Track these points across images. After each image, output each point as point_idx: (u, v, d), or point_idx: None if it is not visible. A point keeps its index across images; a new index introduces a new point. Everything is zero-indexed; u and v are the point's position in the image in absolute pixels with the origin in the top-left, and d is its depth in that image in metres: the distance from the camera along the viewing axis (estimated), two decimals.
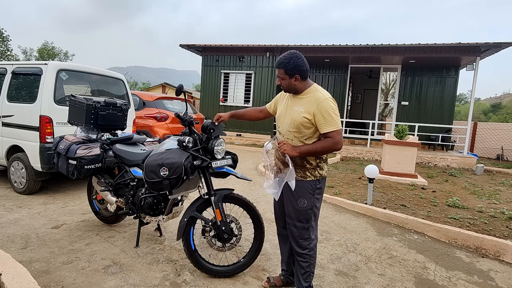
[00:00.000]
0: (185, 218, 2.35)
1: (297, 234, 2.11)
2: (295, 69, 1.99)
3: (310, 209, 2.08)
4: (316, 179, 2.07)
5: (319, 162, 2.08)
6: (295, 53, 2.04)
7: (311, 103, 1.98)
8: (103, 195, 3.05)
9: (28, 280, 1.88)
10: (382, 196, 4.95)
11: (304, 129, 2.03)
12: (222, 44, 11.56)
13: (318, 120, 1.96)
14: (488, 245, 3.21)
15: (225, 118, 2.41)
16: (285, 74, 2.03)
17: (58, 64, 4.15)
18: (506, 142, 11.63)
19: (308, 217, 2.09)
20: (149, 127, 6.75)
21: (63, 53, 30.11)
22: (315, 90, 2.04)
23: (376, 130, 11.09)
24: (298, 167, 2.08)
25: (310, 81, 2.11)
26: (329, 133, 1.94)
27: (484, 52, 8.95)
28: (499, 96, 61.31)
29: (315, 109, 1.96)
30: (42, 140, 3.92)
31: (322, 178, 2.11)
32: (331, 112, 1.94)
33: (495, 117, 33.34)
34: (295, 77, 2.01)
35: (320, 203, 2.17)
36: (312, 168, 2.07)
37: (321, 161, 2.10)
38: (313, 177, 2.07)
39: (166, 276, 2.40)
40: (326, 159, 2.15)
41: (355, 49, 9.79)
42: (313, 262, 2.15)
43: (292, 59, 2.00)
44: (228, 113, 2.44)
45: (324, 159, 2.12)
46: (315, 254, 2.16)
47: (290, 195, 2.09)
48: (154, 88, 24.32)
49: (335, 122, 1.94)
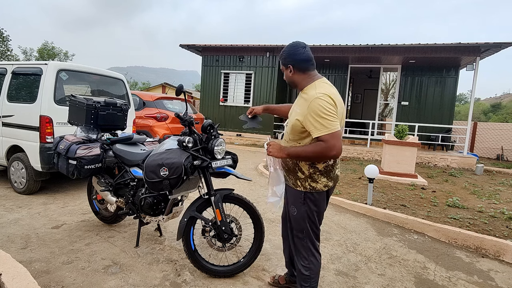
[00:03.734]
0: (185, 218, 2.35)
1: (295, 248, 1.95)
2: (287, 58, 1.83)
3: (302, 219, 1.87)
4: (306, 190, 1.83)
5: (313, 173, 1.80)
6: (292, 42, 1.85)
7: (305, 103, 1.73)
8: (103, 195, 3.05)
9: (28, 280, 1.88)
10: (382, 196, 4.95)
11: (301, 135, 1.79)
12: (222, 44, 11.57)
13: (306, 124, 1.70)
14: (488, 245, 3.21)
15: (259, 111, 2.28)
16: (282, 65, 1.90)
17: (58, 64, 4.15)
18: (506, 142, 11.63)
19: (301, 228, 1.89)
20: (149, 127, 6.75)
21: (63, 53, 30.12)
22: (313, 87, 1.76)
23: (376, 130, 11.09)
24: (290, 173, 1.89)
25: (316, 76, 1.83)
26: (321, 137, 1.65)
27: (484, 52, 8.95)
28: (499, 96, 61.32)
29: (306, 110, 1.70)
30: (42, 140, 3.92)
31: (316, 192, 1.82)
32: (321, 113, 1.64)
33: (495, 117, 33.34)
34: (289, 67, 1.84)
35: (317, 218, 1.89)
36: (303, 178, 1.83)
37: (316, 172, 1.80)
38: (302, 188, 1.84)
39: (166, 276, 2.40)
40: (326, 171, 1.82)
41: (355, 49, 9.79)
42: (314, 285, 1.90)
43: (287, 48, 1.84)
44: (262, 107, 2.32)
45: (321, 170, 1.80)
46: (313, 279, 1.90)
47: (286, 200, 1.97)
48: (154, 88, 24.31)
49: (326, 124, 1.63)
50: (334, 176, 1.88)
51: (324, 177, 1.83)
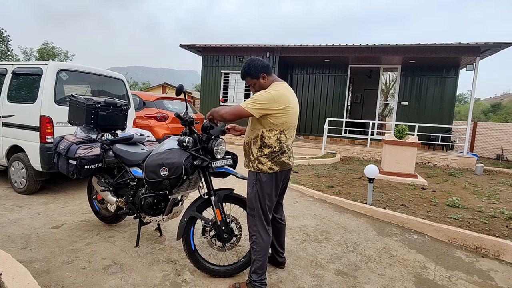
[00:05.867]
0: (185, 218, 2.36)
1: (248, 224, 2.26)
2: (257, 69, 2.16)
3: (253, 198, 2.19)
4: (256, 171, 2.16)
5: (260, 156, 2.15)
6: (249, 59, 2.22)
7: None
8: (103, 195, 3.05)
9: (28, 280, 1.88)
10: (382, 196, 4.96)
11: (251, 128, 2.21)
12: (222, 44, 11.57)
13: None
14: (488, 245, 3.21)
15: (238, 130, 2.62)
16: (252, 79, 2.20)
17: (58, 64, 4.15)
18: (506, 142, 11.63)
19: (252, 206, 2.21)
20: (149, 127, 6.75)
21: (63, 53, 30.14)
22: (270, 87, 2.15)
23: (376, 130, 11.10)
24: (246, 156, 2.27)
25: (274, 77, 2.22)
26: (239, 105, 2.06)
27: (484, 52, 8.95)
28: (499, 96, 61.35)
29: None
30: (42, 140, 3.92)
31: (263, 173, 2.15)
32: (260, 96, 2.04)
33: (495, 117, 33.36)
34: (262, 76, 2.18)
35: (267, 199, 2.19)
36: (253, 160, 2.19)
37: (262, 155, 2.14)
38: (253, 168, 2.19)
39: (166, 276, 2.40)
40: (271, 156, 2.14)
41: (355, 49, 9.80)
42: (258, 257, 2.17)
43: (250, 62, 2.18)
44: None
45: (267, 155, 2.14)
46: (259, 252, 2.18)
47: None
48: (154, 88, 24.30)
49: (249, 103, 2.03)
50: (280, 162, 2.17)
51: (268, 160, 2.14)
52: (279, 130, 2.13)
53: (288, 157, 2.24)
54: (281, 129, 2.13)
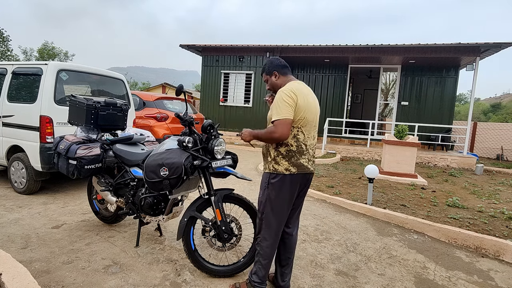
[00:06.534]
0: (185, 218, 2.36)
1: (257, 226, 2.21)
2: (271, 67, 2.18)
3: (264, 202, 2.11)
4: (271, 172, 2.09)
5: (276, 156, 2.07)
6: (269, 58, 2.27)
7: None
8: (103, 195, 3.05)
9: (28, 280, 1.88)
10: (382, 196, 4.96)
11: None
12: (222, 44, 11.57)
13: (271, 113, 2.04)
14: (488, 245, 3.21)
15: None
16: (266, 75, 2.23)
17: (58, 64, 4.15)
18: (506, 142, 11.63)
19: (261, 210, 2.13)
20: (149, 127, 6.75)
21: (63, 53, 30.12)
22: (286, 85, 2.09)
23: (376, 130, 11.09)
24: (264, 158, 2.21)
25: (290, 78, 2.19)
26: (274, 121, 1.98)
27: (484, 52, 8.95)
28: (499, 96, 61.35)
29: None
30: (42, 140, 3.92)
31: (278, 174, 2.04)
32: (279, 102, 1.97)
33: (495, 117, 33.36)
34: (274, 74, 2.18)
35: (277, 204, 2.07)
36: (269, 161, 2.12)
37: (279, 155, 2.06)
38: (268, 169, 2.12)
39: (166, 276, 2.40)
40: (289, 155, 2.03)
41: (355, 49, 9.80)
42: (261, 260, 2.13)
43: (267, 61, 2.23)
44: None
45: (283, 154, 2.04)
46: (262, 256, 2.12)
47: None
48: (154, 88, 24.30)
49: (279, 111, 1.95)
50: (297, 163, 2.06)
51: (285, 160, 2.05)
52: (296, 127, 2.02)
53: (308, 160, 2.10)
54: (298, 126, 2.02)
